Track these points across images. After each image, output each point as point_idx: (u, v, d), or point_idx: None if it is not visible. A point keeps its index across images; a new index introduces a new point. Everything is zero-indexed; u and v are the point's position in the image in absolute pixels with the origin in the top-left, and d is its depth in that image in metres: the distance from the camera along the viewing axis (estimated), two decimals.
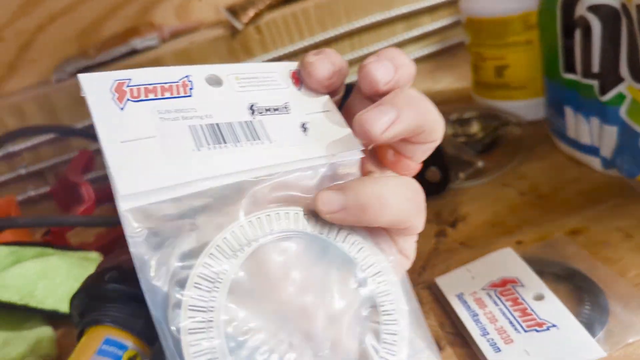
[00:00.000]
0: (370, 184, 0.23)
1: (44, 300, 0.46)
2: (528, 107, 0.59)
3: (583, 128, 0.48)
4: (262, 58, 0.73)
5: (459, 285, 0.41)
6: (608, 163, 0.48)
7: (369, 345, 0.23)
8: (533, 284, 0.39)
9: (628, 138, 0.44)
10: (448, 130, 0.60)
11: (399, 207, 0.24)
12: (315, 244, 0.24)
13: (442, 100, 0.71)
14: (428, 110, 0.25)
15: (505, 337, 0.36)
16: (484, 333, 0.36)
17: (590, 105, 0.46)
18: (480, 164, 0.54)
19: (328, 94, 0.27)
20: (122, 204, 0.21)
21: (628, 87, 0.43)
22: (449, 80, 0.75)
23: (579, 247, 0.42)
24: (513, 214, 0.48)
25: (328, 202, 0.23)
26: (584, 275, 0.39)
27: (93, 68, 0.70)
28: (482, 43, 0.59)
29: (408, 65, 0.26)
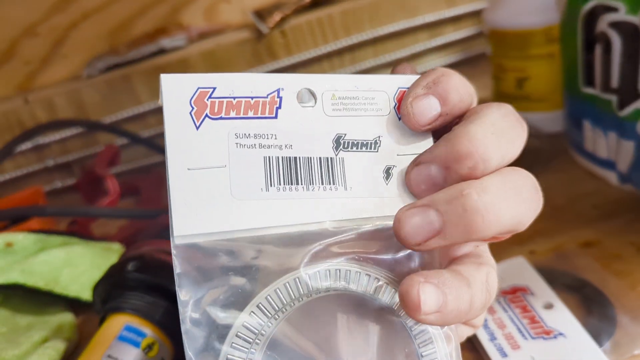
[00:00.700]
0: (465, 285, 0.21)
1: (68, 287, 0.47)
2: (547, 119, 0.59)
3: (600, 142, 0.49)
4: (285, 62, 0.74)
5: None
6: (624, 178, 0.48)
7: None
8: (543, 293, 0.39)
9: None
10: None
11: (482, 305, 0.22)
12: (366, 304, 0.22)
13: None
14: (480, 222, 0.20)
15: (513, 343, 0.36)
16: (492, 338, 0.37)
17: (608, 120, 0.47)
18: None
19: (431, 134, 0.23)
20: (175, 239, 0.20)
21: None
22: None
23: (591, 259, 0.43)
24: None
25: (424, 301, 0.19)
26: (594, 287, 0.40)
27: (123, 65, 0.72)
28: (504, 54, 0.59)
29: (460, 88, 0.22)
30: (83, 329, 0.48)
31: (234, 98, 0.21)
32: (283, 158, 0.21)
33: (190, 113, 0.20)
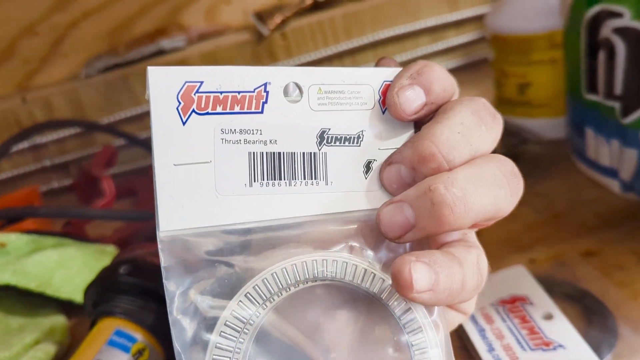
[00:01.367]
0: (457, 264, 0.21)
1: (60, 289, 0.47)
2: (549, 125, 0.59)
3: (603, 149, 0.48)
4: (285, 64, 0.74)
5: None
6: (627, 186, 0.47)
7: None
8: (542, 303, 0.39)
9: None
10: None
11: (475, 286, 0.22)
12: (354, 294, 0.22)
13: None
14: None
15: (512, 354, 0.35)
16: (490, 349, 0.36)
17: (611, 127, 0.46)
18: None
19: (414, 125, 0.24)
20: (160, 233, 0.20)
21: None
22: (472, 95, 0.75)
23: (592, 268, 0.42)
24: (528, 232, 0.48)
25: (417, 280, 0.20)
26: (595, 297, 0.39)
27: (122, 66, 0.71)
28: (506, 60, 0.59)
29: (441, 80, 0.23)
30: (76, 332, 0.47)
31: (221, 93, 0.21)
32: (267, 153, 0.21)
33: (177, 108, 0.20)
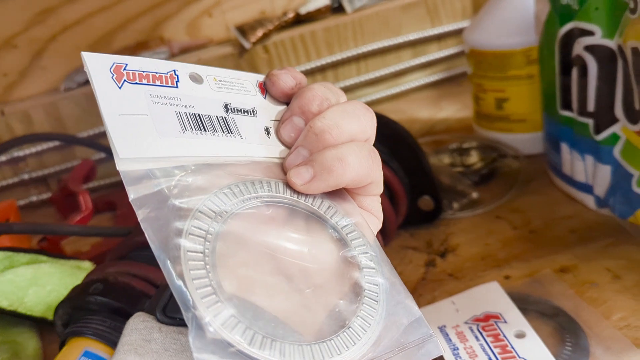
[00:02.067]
0: (330, 150, 0.27)
1: (33, 308, 0.46)
2: (527, 140, 0.59)
3: (578, 165, 0.48)
4: None
5: (443, 318, 0.41)
6: (601, 202, 0.48)
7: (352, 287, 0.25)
8: (515, 321, 0.39)
9: (621, 178, 0.44)
10: (446, 160, 0.60)
11: (359, 164, 0.27)
12: (294, 211, 0.27)
13: (444, 129, 0.72)
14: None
15: None
16: None
17: (586, 144, 0.46)
18: (475, 195, 0.54)
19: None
20: (120, 163, 0.24)
21: (622, 127, 0.43)
22: (453, 109, 0.75)
23: (566, 285, 0.42)
24: (504, 248, 0.48)
25: (299, 174, 0.26)
26: (568, 315, 0.39)
27: None
28: (483, 75, 0.59)
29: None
30: (49, 350, 0.46)
31: (143, 72, 0.26)
32: (189, 113, 0.27)
33: (112, 78, 0.25)
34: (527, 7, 0.54)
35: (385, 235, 0.49)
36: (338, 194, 0.28)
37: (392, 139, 0.50)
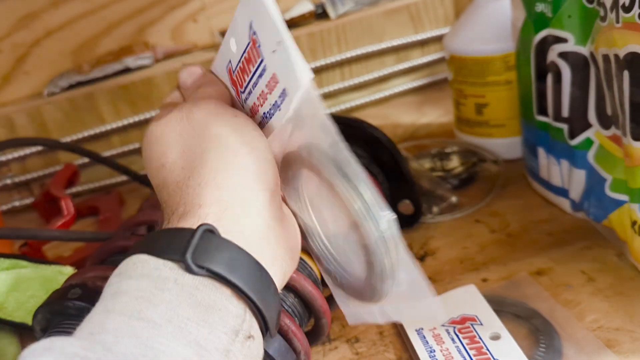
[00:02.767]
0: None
1: (13, 313, 0.46)
2: (506, 145, 0.60)
3: (554, 170, 0.49)
4: None
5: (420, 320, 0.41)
6: (577, 206, 0.48)
7: None
8: (491, 323, 0.39)
9: (595, 183, 0.45)
10: (426, 164, 0.60)
11: None
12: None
13: (426, 134, 0.72)
14: None
15: None
16: None
17: (561, 148, 0.47)
18: (454, 199, 0.55)
19: None
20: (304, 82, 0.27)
21: (596, 132, 0.44)
22: (436, 114, 0.76)
23: (542, 288, 0.43)
24: (482, 251, 0.49)
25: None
26: (543, 317, 0.40)
27: (86, 84, 0.71)
28: (463, 80, 0.60)
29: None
30: None
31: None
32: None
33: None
34: (505, 14, 0.55)
35: None
36: None
37: (372, 144, 0.50)
